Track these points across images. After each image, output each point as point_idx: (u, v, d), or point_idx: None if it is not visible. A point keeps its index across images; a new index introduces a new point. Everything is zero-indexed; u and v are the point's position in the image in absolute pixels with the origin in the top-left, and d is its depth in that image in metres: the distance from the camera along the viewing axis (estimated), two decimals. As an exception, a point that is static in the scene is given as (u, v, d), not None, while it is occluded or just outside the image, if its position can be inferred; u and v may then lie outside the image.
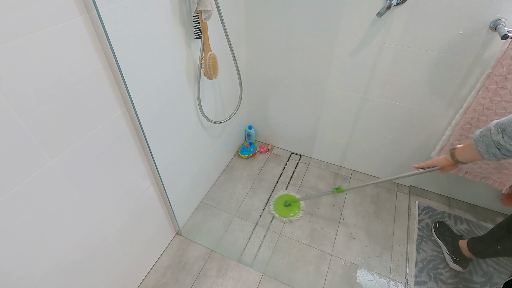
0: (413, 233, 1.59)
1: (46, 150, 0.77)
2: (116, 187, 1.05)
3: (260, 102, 1.90)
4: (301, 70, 1.60)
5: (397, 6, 1.20)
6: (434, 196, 1.78)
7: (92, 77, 0.83)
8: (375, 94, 1.50)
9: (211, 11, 1.06)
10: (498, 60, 1.11)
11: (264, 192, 1.81)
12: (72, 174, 0.87)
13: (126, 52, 0.89)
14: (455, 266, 1.40)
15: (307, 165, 1.99)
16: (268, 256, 1.49)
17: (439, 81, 1.33)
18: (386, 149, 1.71)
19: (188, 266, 1.45)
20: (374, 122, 1.62)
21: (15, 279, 0.80)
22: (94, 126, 0.89)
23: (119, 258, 1.18)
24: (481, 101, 1.22)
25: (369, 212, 1.69)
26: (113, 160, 1.00)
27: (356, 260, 1.48)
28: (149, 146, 1.10)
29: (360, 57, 1.41)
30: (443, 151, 1.46)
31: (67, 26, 0.72)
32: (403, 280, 1.40)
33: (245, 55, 1.68)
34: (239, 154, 2.03)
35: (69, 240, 0.93)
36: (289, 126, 1.93)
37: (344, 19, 1.33)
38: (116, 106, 0.94)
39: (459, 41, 1.19)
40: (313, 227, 1.62)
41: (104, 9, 0.77)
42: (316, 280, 1.40)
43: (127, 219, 1.17)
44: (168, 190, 1.31)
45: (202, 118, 1.45)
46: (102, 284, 1.13)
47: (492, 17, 1.10)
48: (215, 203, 1.75)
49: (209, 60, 1.21)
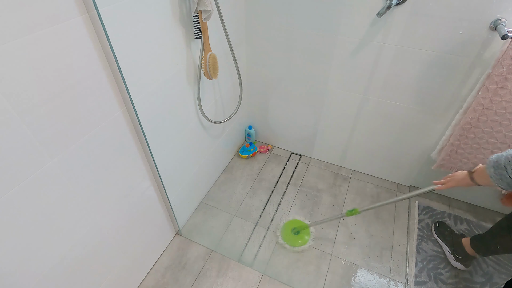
0: (413, 233, 1.59)
1: (46, 150, 0.77)
2: (116, 187, 1.05)
3: (260, 102, 1.90)
4: (301, 70, 1.60)
5: (397, 6, 1.20)
6: (434, 196, 1.78)
7: (92, 77, 0.83)
8: (375, 94, 1.50)
9: (211, 11, 1.06)
10: (498, 60, 1.11)
11: (264, 192, 1.81)
12: (72, 174, 0.87)
13: (126, 52, 0.89)
14: (457, 264, 1.40)
15: (307, 165, 1.99)
16: (268, 256, 1.49)
17: (439, 81, 1.33)
18: (386, 149, 1.71)
19: (188, 266, 1.45)
20: (374, 122, 1.62)
21: (15, 279, 0.80)
22: (94, 126, 0.89)
23: (119, 258, 1.18)
24: (481, 101, 1.22)
25: (369, 212, 1.69)
26: (113, 160, 1.00)
27: (356, 260, 1.47)
28: (149, 146, 1.10)
29: (360, 57, 1.41)
30: (443, 151, 1.46)
31: (67, 26, 0.72)
32: (403, 280, 1.40)
33: (245, 55, 1.68)
34: (239, 154, 2.03)
35: (69, 240, 0.93)
36: (289, 126, 1.93)
37: (344, 19, 1.33)
38: (116, 106, 0.94)
39: (459, 41, 1.19)
40: (313, 227, 1.62)
41: (104, 9, 0.77)
42: (316, 280, 1.40)
43: (127, 219, 1.17)
44: (168, 190, 1.31)
45: (202, 118, 1.45)
46: (102, 284, 1.13)
47: (492, 17, 1.10)
48: (215, 203, 1.75)
49: (209, 60, 1.21)
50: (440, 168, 1.53)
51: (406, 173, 1.78)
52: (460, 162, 1.45)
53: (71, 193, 0.88)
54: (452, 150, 1.43)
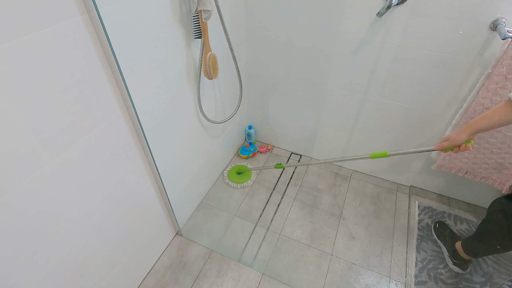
0: (413, 233, 1.59)
1: (46, 150, 0.77)
2: (116, 187, 1.05)
3: (260, 102, 1.90)
4: (301, 70, 1.60)
5: (397, 6, 1.20)
6: (434, 196, 1.78)
7: (92, 77, 0.83)
8: (375, 94, 1.50)
9: (211, 11, 1.06)
10: (498, 60, 1.11)
11: (264, 192, 1.81)
12: (72, 174, 0.87)
13: (126, 52, 0.89)
14: (455, 268, 1.40)
15: (307, 165, 1.99)
16: (268, 256, 1.49)
17: (439, 81, 1.33)
18: (386, 149, 1.70)
19: (188, 266, 1.45)
20: (374, 122, 1.62)
21: (15, 279, 0.80)
22: (94, 126, 0.89)
23: (119, 258, 1.18)
24: (481, 101, 1.22)
25: (369, 212, 1.69)
26: (113, 160, 1.00)
27: (356, 260, 1.48)
28: (149, 146, 1.10)
29: (360, 57, 1.41)
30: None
31: (67, 26, 0.72)
32: (403, 280, 1.40)
33: (245, 55, 1.68)
34: (239, 154, 2.03)
35: (69, 240, 0.93)
36: (289, 126, 1.93)
37: (344, 19, 1.33)
38: (116, 106, 0.94)
39: (459, 41, 1.19)
40: (313, 227, 1.62)
41: (104, 9, 0.77)
42: (316, 280, 1.40)
43: (127, 219, 1.16)
44: (168, 190, 1.31)
45: (202, 118, 1.44)
46: (102, 284, 1.13)
47: (492, 17, 1.10)
48: (215, 203, 1.75)
49: (209, 60, 1.21)
50: (440, 168, 1.53)
51: (406, 173, 1.78)
52: (460, 162, 1.45)
53: (71, 193, 0.88)
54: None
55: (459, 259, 1.40)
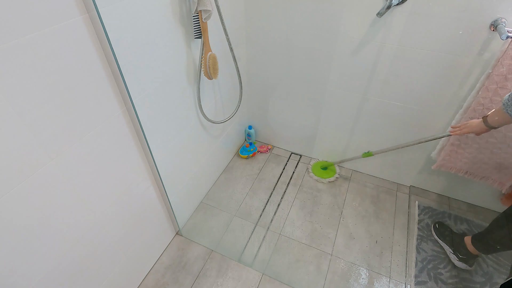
0: (413, 233, 1.59)
1: (46, 150, 0.77)
2: (116, 187, 1.05)
3: (260, 102, 1.90)
4: (301, 70, 1.60)
5: (397, 6, 1.20)
6: (434, 196, 1.78)
7: (92, 77, 0.83)
8: (375, 94, 1.50)
9: (211, 11, 1.06)
10: (498, 60, 1.11)
11: (264, 192, 1.81)
12: (72, 175, 0.87)
13: (126, 52, 0.89)
14: (461, 264, 1.40)
15: (307, 165, 1.99)
16: (268, 256, 1.49)
17: (439, 81, 1.33)
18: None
19: (188, 266, 1.45)
20: (374, 122, 1.62)
21: (15, 279, 0.80)
22: (94, 126, 0.89)
23: (119, 258, 1.18)
24: (481, 101, 1.22)
25: (369, 212, 1.69)
26: (113, 160, 1.00)
27: (356, 260, 1.48)
28: (149, 146, 1.10)
29: (360, 57, 1.41)
30: (443, 151, 1.46)
31: (67, 26, 0.72)
32: (403, 280, 1.40)
33: (245, 55, 1.68)
34: (239, 154, 2.03)
35: (68, 240, 0.93)
36: (289, 126, 1.93)
37: (344, 19, 1.33)
38: (116, 106, 0.94)
39: (459, 41, 1.19)
40: (313, 227, 1.62)
41: (104, 9, 0.77)
42: (316, 280, 1.40)
43: (127, 219, 1.17)
44: (168, 190, 1.31)
45: (202, 118, 1.45)
46: (102, 284, 1.13)
47: (492, 17, 1.10)
48: (215, 203, 1.75)
49: (209, 60, 1.21)
50: (440, 168, 1.53)
51: (406, 173, 1.78)
52: (460, 162, 1.45)
53: (70, 193, 0.88)
54: (452, 150, 1.43)
55: (465, 254, 1.39)
